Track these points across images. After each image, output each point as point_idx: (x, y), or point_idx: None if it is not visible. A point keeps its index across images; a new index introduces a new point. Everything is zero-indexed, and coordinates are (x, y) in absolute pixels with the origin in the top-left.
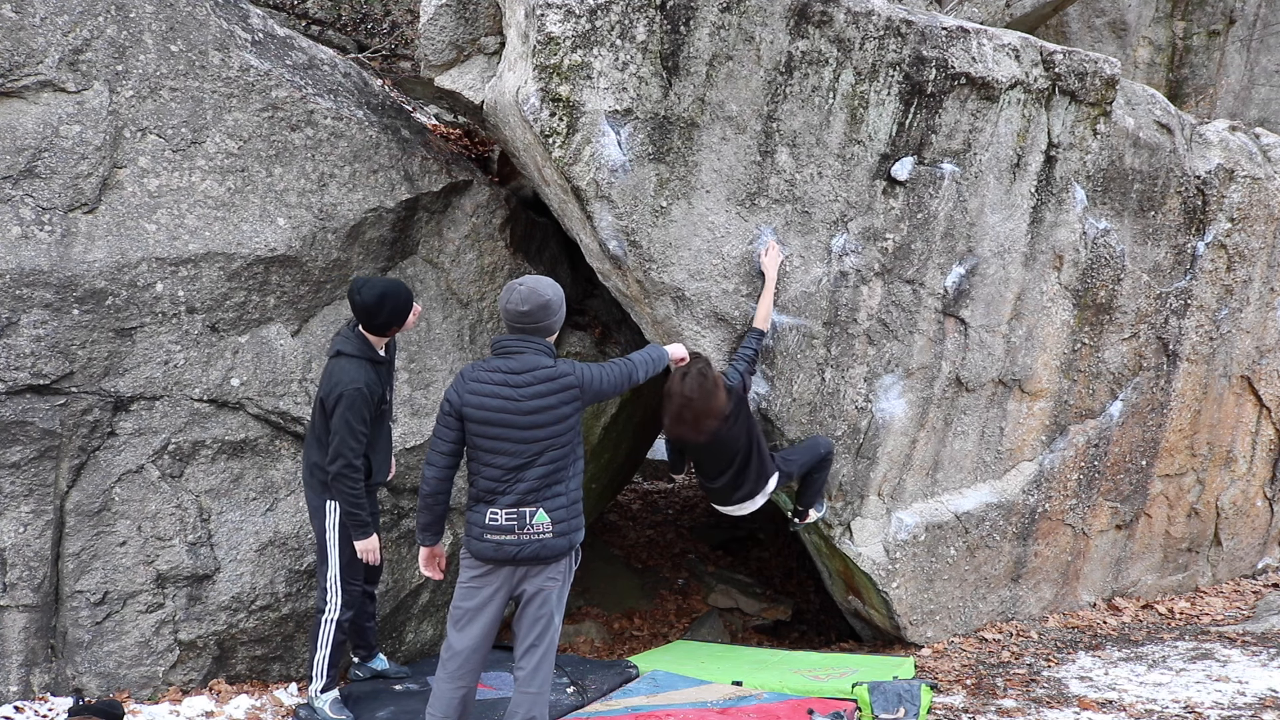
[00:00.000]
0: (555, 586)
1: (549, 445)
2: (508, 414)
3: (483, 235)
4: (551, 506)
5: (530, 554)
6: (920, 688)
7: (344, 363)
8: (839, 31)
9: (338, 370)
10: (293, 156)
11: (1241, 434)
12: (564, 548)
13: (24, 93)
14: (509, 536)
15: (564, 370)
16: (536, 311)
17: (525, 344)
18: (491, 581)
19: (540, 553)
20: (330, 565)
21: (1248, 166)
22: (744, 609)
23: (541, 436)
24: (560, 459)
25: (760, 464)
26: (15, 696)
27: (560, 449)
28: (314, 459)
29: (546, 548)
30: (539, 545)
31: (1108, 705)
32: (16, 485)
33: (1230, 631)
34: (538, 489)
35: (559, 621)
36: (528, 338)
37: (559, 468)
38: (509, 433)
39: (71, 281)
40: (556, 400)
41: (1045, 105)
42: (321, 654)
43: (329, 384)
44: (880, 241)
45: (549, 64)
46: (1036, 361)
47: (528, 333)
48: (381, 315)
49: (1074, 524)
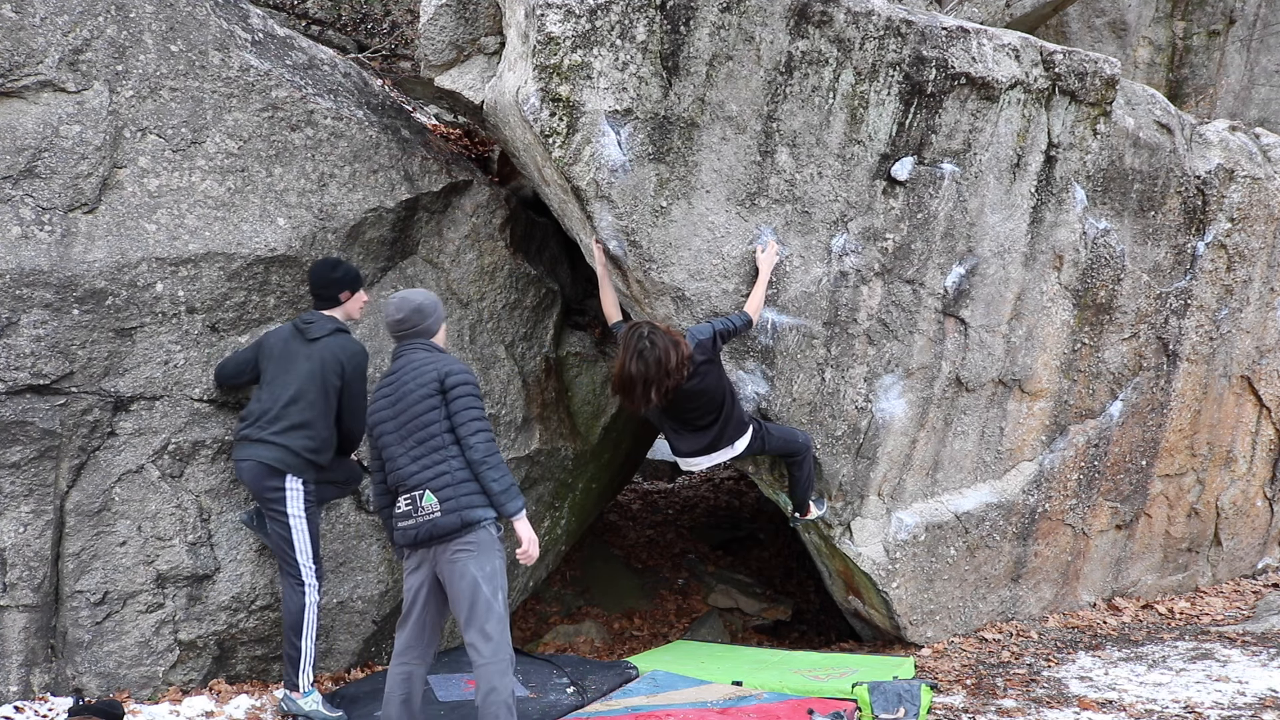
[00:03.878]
0: (465, 558)
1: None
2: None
3: (483, 235)
4: (436, 487)
5: (425, 534)
6: (920, 688)
7: (350, 340)
8: (839, 31)
9: (348, 343)
10: (293, 156)
11: (1241, 434)
12: (455, 524)
13: (24, 93)
14: (408, 521)
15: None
16: (411, 316)
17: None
18: (410, 565)
19: (434, 532)
20: (298, 546)
21: (1248, 166)
22: (744, 609)
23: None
24: (435, 444)
25: (737, 417)
26: (15, 696)
27: (432, 436)
28: (295, 420)
29: (438, 526)
30: (431, 525)
31: (1108, 705)
32: (16, 485)
33: (1230, 631)
34: (419, 473)
35: (490, 593)
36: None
37: (433, 449)
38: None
39: (71, 281)
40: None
41: (1045, 105)
42: (307, 644)
43: (345, 356)
44: (880, 241)
45: (549, 64)
46: (1036, 361)
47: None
48: (338, 270)
49: (1074, 524)
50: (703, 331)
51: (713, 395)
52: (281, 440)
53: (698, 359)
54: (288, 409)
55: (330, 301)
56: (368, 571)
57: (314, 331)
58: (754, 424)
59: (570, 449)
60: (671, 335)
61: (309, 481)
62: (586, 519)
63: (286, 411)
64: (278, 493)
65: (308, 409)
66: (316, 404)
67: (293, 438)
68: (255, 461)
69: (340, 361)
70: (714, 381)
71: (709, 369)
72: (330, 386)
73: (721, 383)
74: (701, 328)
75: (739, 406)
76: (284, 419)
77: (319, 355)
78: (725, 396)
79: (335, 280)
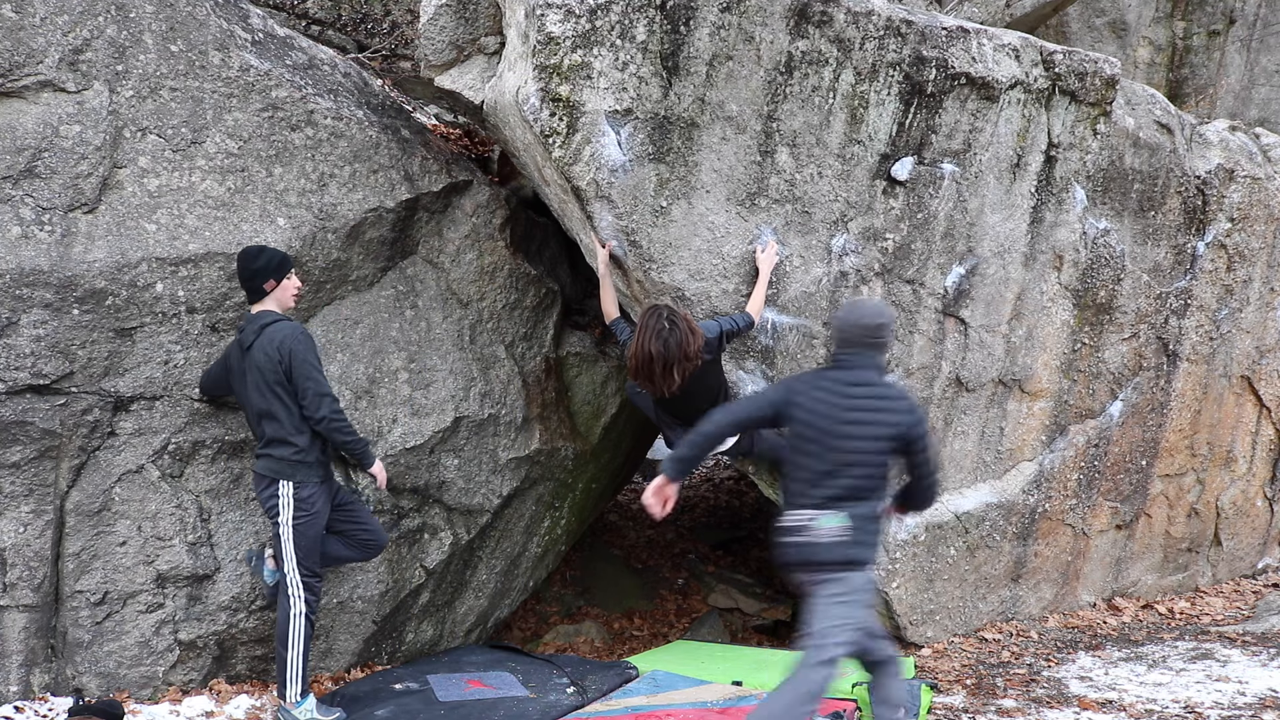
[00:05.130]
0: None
1: None
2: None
3: (483, 235)
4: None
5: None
6: (920, 688)
7: (277, 327)
8: (839, 31)
9: (274, 333)
10: (293, 156)
11: (1241, 434)
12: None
13: (24, 93)
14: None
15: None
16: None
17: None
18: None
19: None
20: (285, 554)
21: (1248, 166)
22: (744, 609)
23: None
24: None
25: None
26: (15, 696)
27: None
28: (272, 435)
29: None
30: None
31: (1108, 705)
32: (17, 485)
33: (1230, 631)
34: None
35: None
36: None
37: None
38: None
39: (71, 281)
40: None
41: (1045, 105)
42: (294, 654)
43: (273, 349)
44: (880, 241)
45: (549, 64)
46: (1036, 361)
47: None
48: (259, 260)
49: (1074, 524)
50: (710, 329)
51: (711, 392)
52: (267, 451)
53: (704, 355)
54: (261, 425)
55: (257, 294)
56: (367, 572)
57: (246, 339)
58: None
59: (570, 449)
60: (689, 320)
61: (307, 484)
62: (586, 519)
63: (262, 428)
64: (273, 500)
65: (273, 422)
66: (279, 413)
67: (275, 449)
68: (254, 473)
69: (273, 359)
70: (714, 380)
71: (711, 366)
72: (278, 388)
73: (720, 380)
74: (708, 325)
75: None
76: (263, 435)
77: (255, 365)
78: (720, 395)
79: (257, 271)
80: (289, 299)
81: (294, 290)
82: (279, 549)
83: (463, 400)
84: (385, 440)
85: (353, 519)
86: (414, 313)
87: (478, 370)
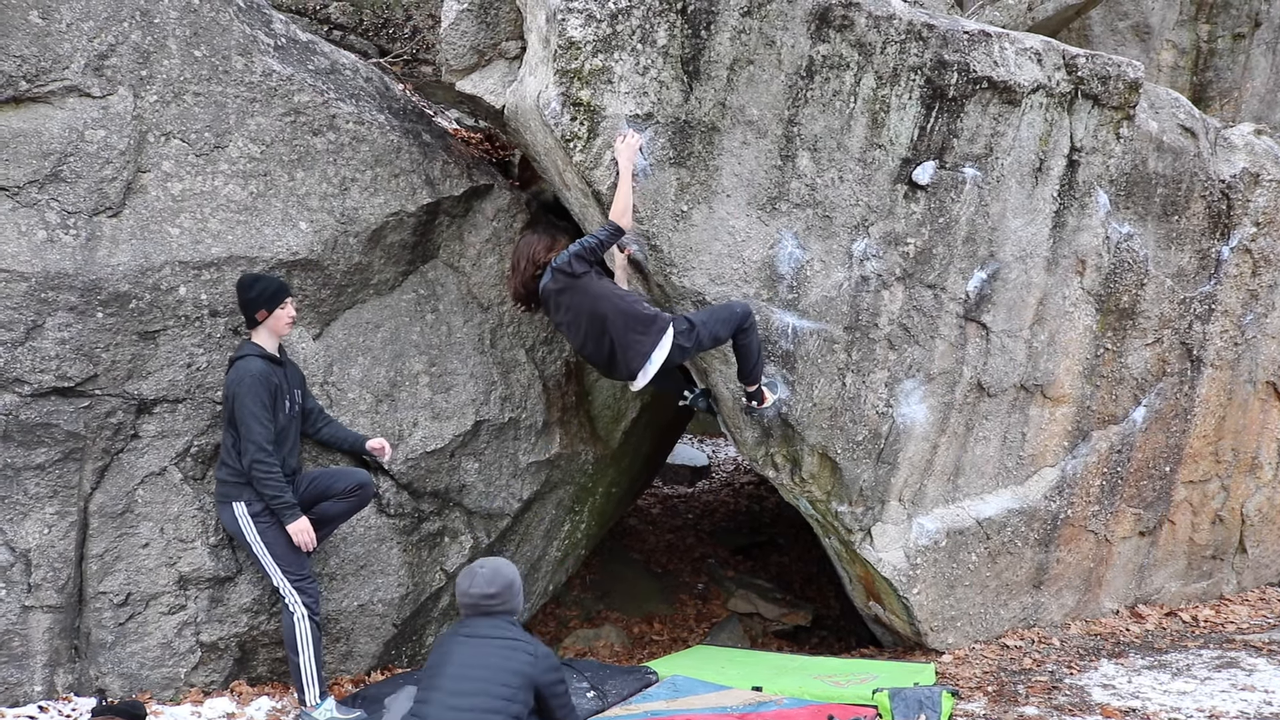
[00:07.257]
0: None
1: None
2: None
3: (504, 239)
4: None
5: None
6: (941, 694)
7: (237, 365)
8: (860, 35)
9: (231, 372)
10: (315, 161)
11: (1267, 440)
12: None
13: (50, 98)
14: None
15: None
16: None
17: None
18: None
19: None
20: (266, 567)
21: (1273, 170)
22: (764, 614)
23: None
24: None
25: (633, 342)
26: (40, 696)
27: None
28: (221, 458)
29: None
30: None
31: (1131, 713)
32: (41, 487)
33: (1256, 640)
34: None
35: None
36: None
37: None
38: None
39: (96, 285)
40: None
41: (1068, 109)
42: (306, 658)
43: (227, 384)
44: (901, 246)
45: (570, 68)
46: (1059, 367)
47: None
48: (252, 291)
49: (1097, 530)
50: (562, 255)
51: (589, 316)
52: (218, 475)
53: (557, 280)
54: (223, 449)
55: (251, 322)
56: (388, 575)
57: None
58: (674, 333)
59: (591, 453)
60: (552, 239)
61: (255, 500)
62: (606, 523)
63: (226, 453)
64: (234, 524)
65: (223, 446)
66: (226, 439)
67: (221, 471)
68: (215, 501)
69: (226, 393)
70: (584, 302)
71: (572, 291)
72: (228, 416)
73: (596, 306)
74: (564, 251)
75: (644, 333)
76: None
77: (223, 395)
78: (606, 322)
79: (249, 301)
80: (282, 327)
81: (287, 320)
82: (259, 566)
83: (483, 404)
84: (406, 444)
85: (331, 480)
86: (435, 316)
87: (498, 374)
